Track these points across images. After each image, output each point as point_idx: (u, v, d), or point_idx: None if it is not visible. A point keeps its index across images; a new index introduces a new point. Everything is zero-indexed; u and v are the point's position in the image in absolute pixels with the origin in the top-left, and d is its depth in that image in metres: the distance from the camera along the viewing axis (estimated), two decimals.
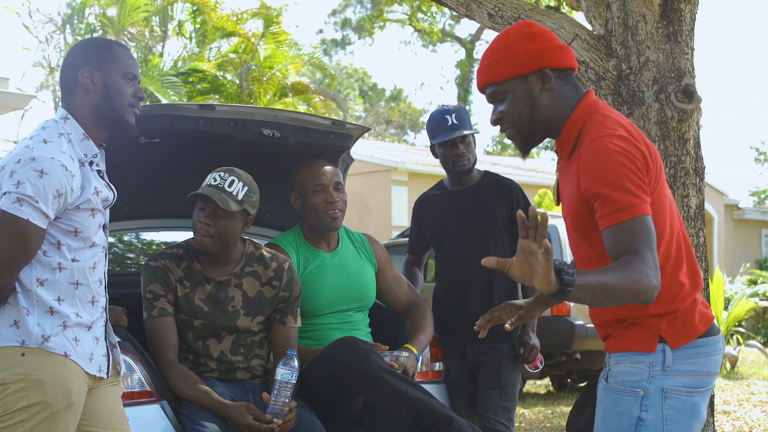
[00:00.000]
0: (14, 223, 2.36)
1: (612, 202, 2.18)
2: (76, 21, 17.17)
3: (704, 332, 2.34)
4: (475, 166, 3.99)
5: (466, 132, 3.85)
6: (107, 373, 2.62)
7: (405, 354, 3.49)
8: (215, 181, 3.28)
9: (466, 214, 3.93)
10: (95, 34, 17.05)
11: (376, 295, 3.82)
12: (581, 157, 2.28)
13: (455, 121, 3.85)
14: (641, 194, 2.19)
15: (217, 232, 3.26)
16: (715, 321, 2.40)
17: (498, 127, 2.45)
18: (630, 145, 2.24)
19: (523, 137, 2.42)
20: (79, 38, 17.51)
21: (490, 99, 2.44)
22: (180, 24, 17.00)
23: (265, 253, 3.43)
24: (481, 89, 2.46)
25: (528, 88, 2.37)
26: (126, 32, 15.95)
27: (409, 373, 3.44)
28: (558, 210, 12.43)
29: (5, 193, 2.39)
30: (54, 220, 2.45)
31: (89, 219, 2.52)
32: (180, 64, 15.77)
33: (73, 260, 2.50)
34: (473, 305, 3.87)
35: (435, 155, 3.98)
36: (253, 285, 3.38)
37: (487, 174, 4.03)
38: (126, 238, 4.88)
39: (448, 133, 3.84)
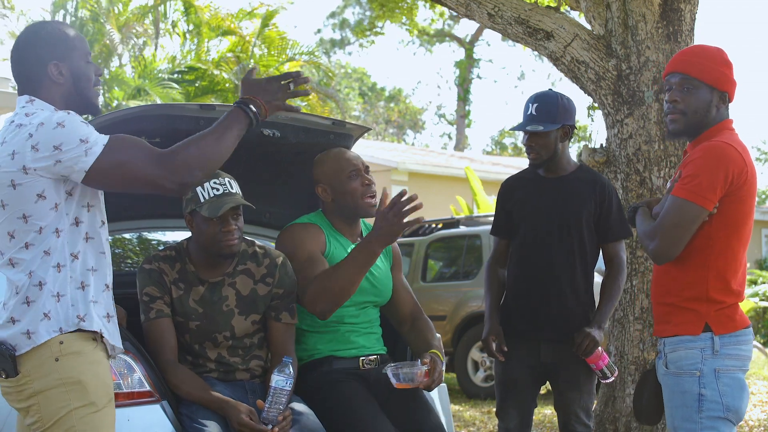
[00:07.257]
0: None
1: None
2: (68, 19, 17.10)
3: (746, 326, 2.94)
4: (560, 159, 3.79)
5: (531, 129, 3.69)
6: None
7: (424, 368, 3.29)
8: (218, 190, 3.23)
9: (556, 203, 3.76)
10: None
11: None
12: None
13: (534, 112, 3.71)
14: None
15: (240, 231, 3.31)
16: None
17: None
18: None
19: None
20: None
21: None
22: (174, 23, 16.96)
23: (257, 249, 3.41)
24: None
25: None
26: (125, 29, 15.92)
27: (436, 376, 3.31)
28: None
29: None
30: (71, 194, 2.48)
31: (97, 192, 2.58)
32: (176, 62, 15.75)
33: (88, 237, 2.53)
34: (554, 300, 3.72)
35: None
36: (246, 283, 3.36)
37: (582, 166, 3.88)
38: (124, 237, 4.88)
39: (520, 124, 3.73)
